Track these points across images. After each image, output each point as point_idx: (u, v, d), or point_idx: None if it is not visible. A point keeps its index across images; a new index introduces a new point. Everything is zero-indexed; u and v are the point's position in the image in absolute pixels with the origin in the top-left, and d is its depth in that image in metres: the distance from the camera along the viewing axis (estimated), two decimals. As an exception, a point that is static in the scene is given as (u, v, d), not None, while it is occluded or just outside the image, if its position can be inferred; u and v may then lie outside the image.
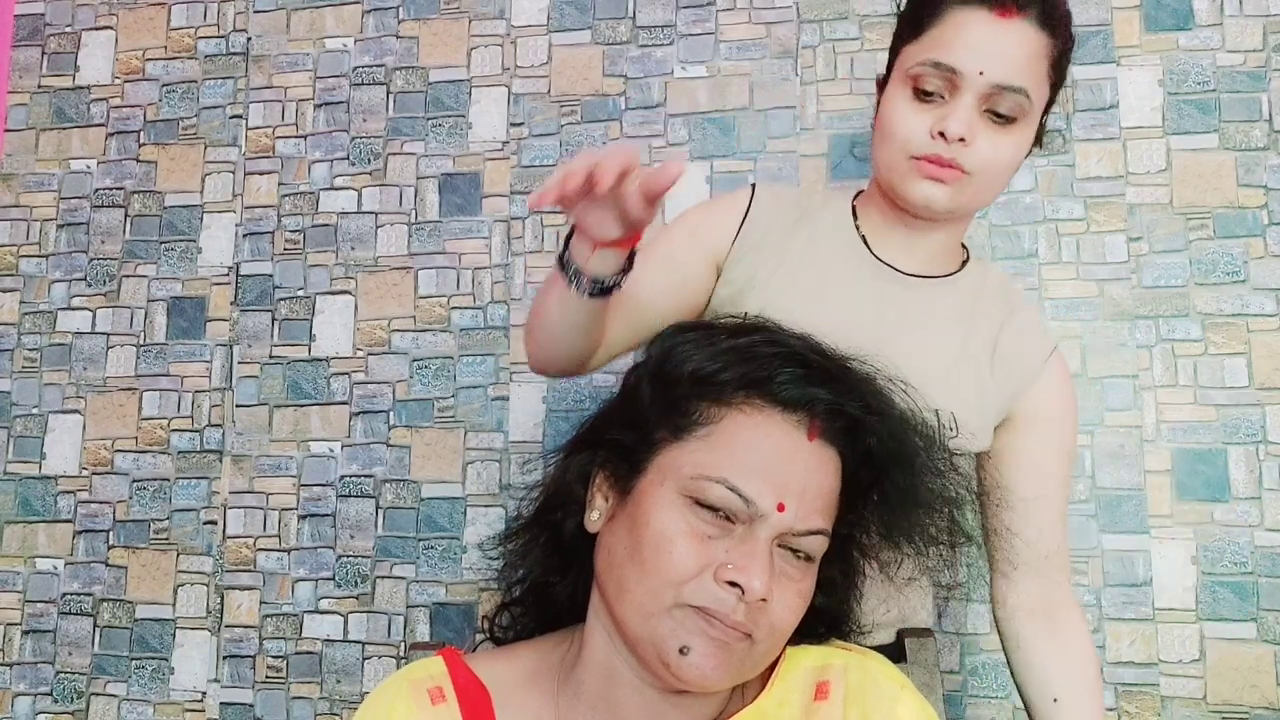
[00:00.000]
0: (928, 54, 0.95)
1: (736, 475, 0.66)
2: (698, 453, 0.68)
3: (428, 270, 1.83)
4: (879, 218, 1.07)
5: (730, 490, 0.66)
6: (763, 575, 0.64)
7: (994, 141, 0.95)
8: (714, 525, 0.66)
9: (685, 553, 0.65)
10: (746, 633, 0.65)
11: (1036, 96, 0.96)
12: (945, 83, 0.94)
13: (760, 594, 0.64)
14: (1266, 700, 1.52)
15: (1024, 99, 0.94)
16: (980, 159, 0.94)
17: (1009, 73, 0.93)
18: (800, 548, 0.67)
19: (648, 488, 0.69)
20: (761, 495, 0.65)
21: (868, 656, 0.74)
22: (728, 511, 0.66)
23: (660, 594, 0.65)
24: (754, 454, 0.67)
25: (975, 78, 0.93)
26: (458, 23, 1.89)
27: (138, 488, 1.86)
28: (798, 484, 0.66)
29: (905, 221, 1.04)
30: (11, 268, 1.96)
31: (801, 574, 0.68)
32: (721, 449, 0.67)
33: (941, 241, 1.06)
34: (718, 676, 0.65)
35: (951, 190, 0.96)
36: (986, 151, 0.94)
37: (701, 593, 0.64)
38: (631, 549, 0.68)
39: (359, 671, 1.75)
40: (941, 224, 1.04)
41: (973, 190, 0.97)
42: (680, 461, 0.68)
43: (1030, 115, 0.97)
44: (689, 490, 0.67)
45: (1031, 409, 1.05)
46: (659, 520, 0.67)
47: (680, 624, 0.65)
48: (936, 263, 1.07)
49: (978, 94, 0.93)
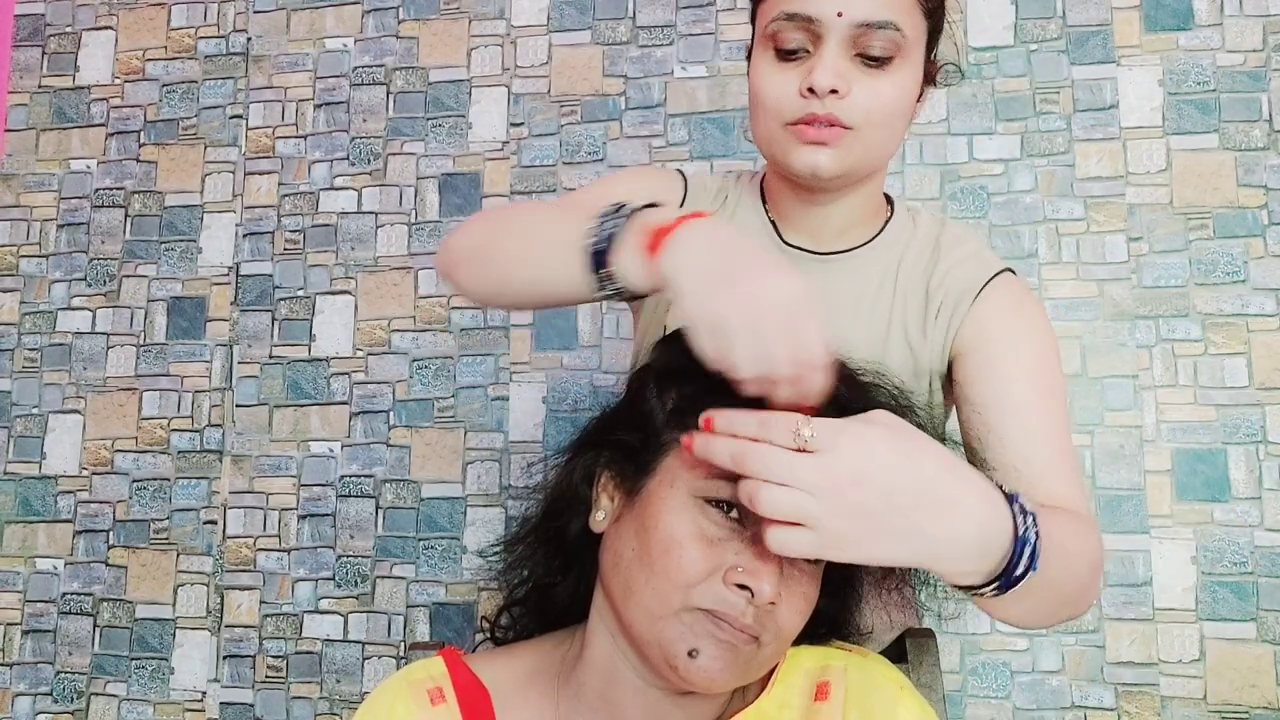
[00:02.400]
0: (780, 6, 0.85)
1: None
2: None
3: (428, 270, 1.83)
4: (781, 199, 0.97)
5: None
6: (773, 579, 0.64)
7: (872, 87, 0.84)
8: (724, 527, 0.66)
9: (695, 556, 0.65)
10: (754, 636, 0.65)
11: (910, 29, 0.85)
12: (806, 35, 0.84)
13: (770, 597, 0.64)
14: (1266, 700, 1.52)
15: (895, 34, 0.83)
16: (859, 110, 0.84)
17: (871, 8, 0.83)
18: None
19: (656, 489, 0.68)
20: None
21: (868, 657, 0.74)
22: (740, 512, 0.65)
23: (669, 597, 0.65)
24: None
25: (835, 21, 0.82)
26: (458, 23, 1.89)
27: (138, 488, 1.86)
28: None
29: (803, 198, 0.94)
30: (11, 268, 1.96)
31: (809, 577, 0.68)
32: None
33: (850, 209, 0.95)
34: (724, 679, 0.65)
35: (837, 152, 0.85)
36: (865, 100, 0.84)
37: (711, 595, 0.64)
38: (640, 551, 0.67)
39: (359, 671, 1.75)
40: (843, 191, 0.93)
41: (862, 146, 0.86)
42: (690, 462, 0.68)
43: (909, 51, 0.85)
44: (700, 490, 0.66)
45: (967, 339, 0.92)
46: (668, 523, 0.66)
47: (689, 627, 0.65)
48: (852, 233, 0.97)
49: (842, 39, 0.83)
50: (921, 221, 1.00)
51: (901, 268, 0.96)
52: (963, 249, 0.96)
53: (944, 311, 0.93)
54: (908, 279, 0.95)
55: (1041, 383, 0.89)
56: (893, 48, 0.84)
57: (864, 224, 0.98)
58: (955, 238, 0.97)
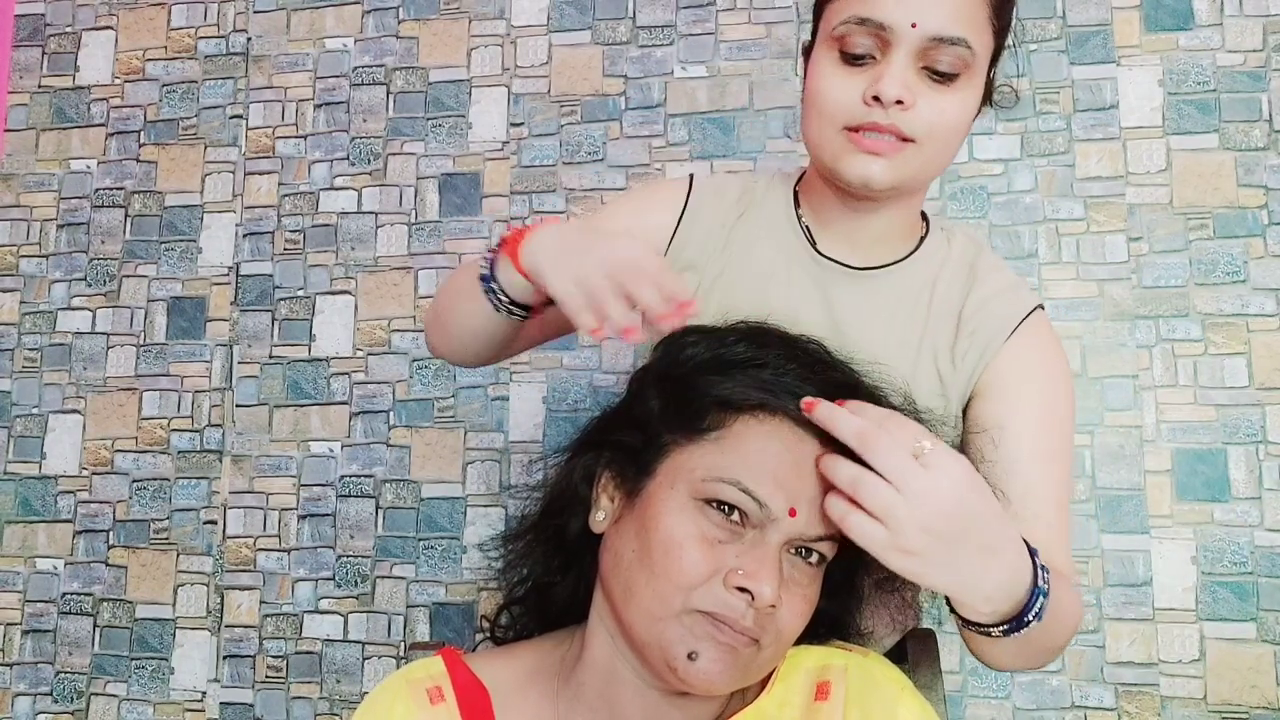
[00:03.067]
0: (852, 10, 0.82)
1: (750, 478, 0.65)
2: (710, 455, 0.67)
3: (428, 270, 1.83)
4: (820, 203, 0.95)
5: (743, 492, 0.65)
6: (773, 581, 0.64)
7: (936, 103, 0.82)
8: (724, 530, 0.66)
9: (695, 557, 0.65)
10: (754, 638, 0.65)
11: (979, 47, 0.83)
12: (875, 41, 0.82)
13: (770, 600, 0.63)
14: (1266, 700, 1.52)
15: (965, 51, 0.82)
16: (923, 123, 0.82)
17: (945, 22, 0.80)
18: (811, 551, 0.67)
19: (657, 490, 0.68)
20: (774, 499, 0.65)
21: (868, 657, 0.74)
22: (740, 514, 0.66)
23: (669, 598, 0.65)
24: (767, 458, 0.66)
25: (907, 31, 0.80)
26: (458, 23, 1.89)
27: (138, 488, 1.86)
28: (809, 489, 0.66)
29: (847, 204, 0.92)
30: (11, 268, 1.96)
31: (809, 579, 0.68)
32: (734, 452, 0.67)
33: (890, 222, 0.94)
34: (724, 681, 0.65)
35: (892, 164, 0.84)
36: (929, 114, 0.82)
37: (711, 598, 0.64)
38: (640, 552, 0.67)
39: (359, 671, 1.75)
40: (887, 203, 0.91)
41: (919, 162, 0.85)
42: (691, 464, 0.68)
43: (975, 69, 0.84)
44: (700, 492, 0.66)
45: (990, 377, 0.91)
46: (669, 524, 0.66)
47: (689, 629, 0.64)
48: (887, 247, 0.95)
49: (912, 50, 0.81)
50: (956, 242, 0.98)
51: (936, 289, 0.94)
52: (999, 279, 0.94)
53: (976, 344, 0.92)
54: (942, 302, 0.94)
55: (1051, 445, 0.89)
56: (961, 65, 0.83)
57: (901, 238, 0.96)
58: (991, 265, 0.96)
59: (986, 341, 0.91)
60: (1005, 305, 0.92)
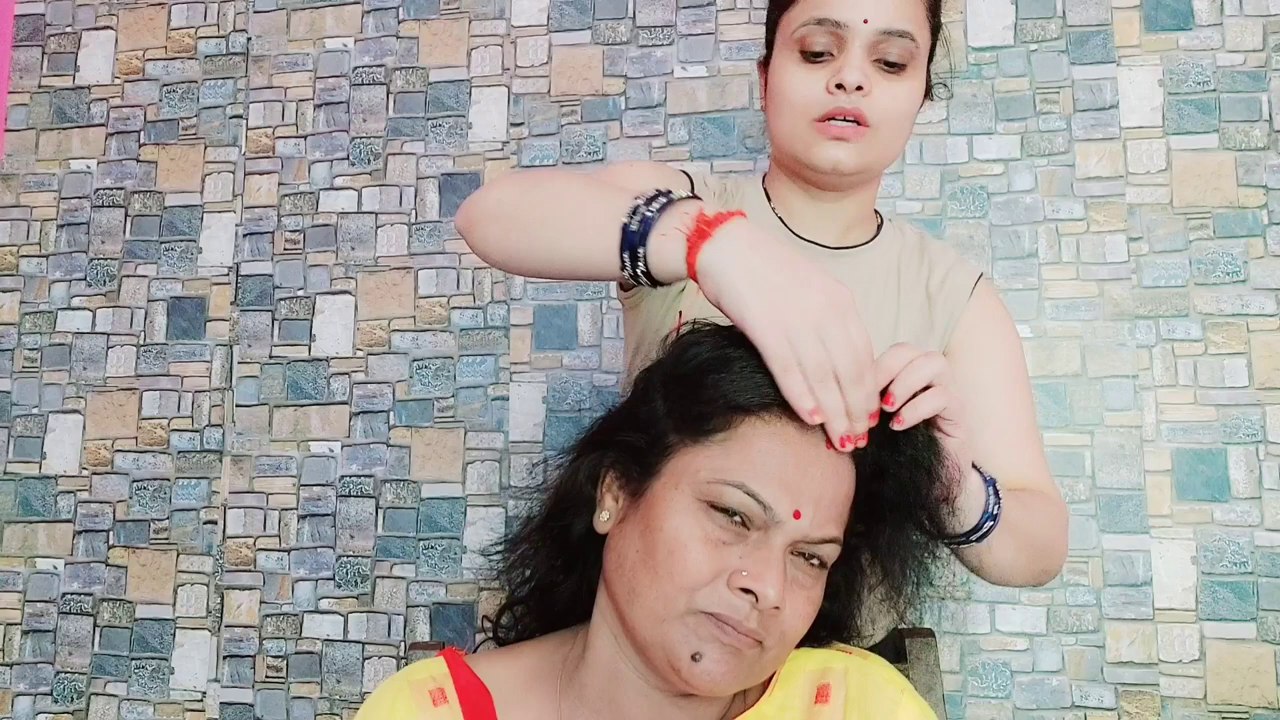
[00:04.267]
0: (810, 13, 0.94)
1: (754, 480, 0.65)
2: (715, 457, 0.67)
3: (428, 270, 1.83)
4: (787, 197, 1.05)
5: (748, 495, 0.65)
6: (777, 583, 0.64)
7: (889, 90, 0.94)
8: (728, 531, 0.66)
9: (699, 558, 0.65)
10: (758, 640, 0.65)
11: (921, 40, 0.96)
12: (832, 39, 0.94)
13: (774, 602, 0.63)
14: (1266, 700, 1.52)
15: (910, 43, 0.94)
16: (880, 108, 0.94)
17: (892, 17, 0.93)
18: (814, 554, 0.67)
19: (661, 491, 0.68)
20: (779, 501, 0.65)
21: (869, 659, 0.74)
22: (744, 516, 0.66)
23: (673, 599, 0.65)
24: (772, 460, 0.66)
25: (861, 27, 0.93)
26: (458, 23, 1.89)
27: (138, 488, 1.86)
28: (814, 491, 0.66)
29: (814, 195, 1.03)
30: (11, 268, 1.96)
31: (813, 581, 0.68)
32: (738, 454, 0.67)
33: (854, 209, 1.04)
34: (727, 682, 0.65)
35: (857, 148, 0.95)
36: (884, 100, 0.94)
37: (715, 599, 0.64)
38: (644, 553, 0.67)
39: (359, 671, 1.75)
40: (851, 191, 1.02)
41: (879, 145, 0.96)
42: (696, 465, 0.67)
43: (918, 61, 0.97)
44: (705, 494, 0.66)
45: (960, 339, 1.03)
46: (673, 524, 0.66)
47: (693, 630, 0.64)
48: (853, 233, 1.06)
49: (865, 44, 0.93)
50: (907, 231, 1.10)
51: (902, 273, 1.05)
52: (948, 256, 1.08)
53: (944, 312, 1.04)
54: (908, 280, 1.05)
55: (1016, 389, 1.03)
56: (907, 55, 0.94)
57: (860, 226, 1.06)
58: (939, 247, 1.10)
59: (952, 308, 1.04)
60: (960, 276, 1.06)
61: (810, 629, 0.70)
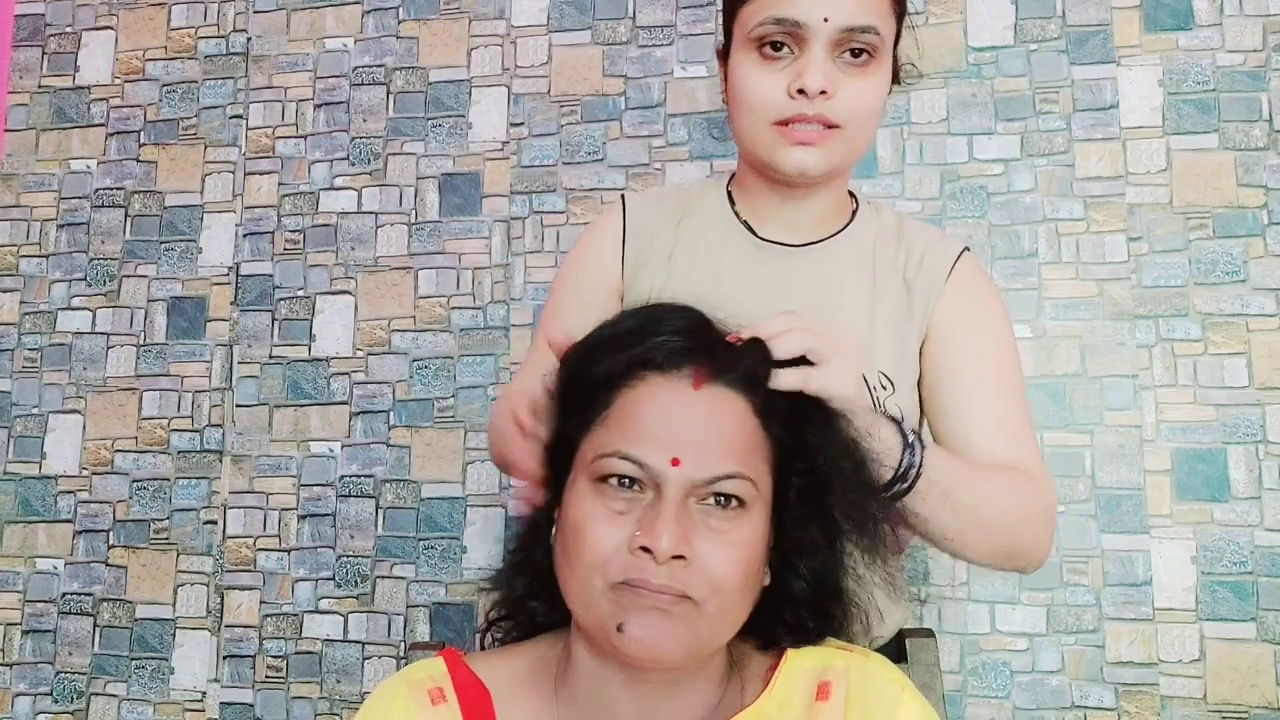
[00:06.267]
0: (767, 12, 0.90)
1: (628, 443, 0.67)
2: (598, 436, 0.70)
3: (428, 270, 1.83)
4: (755, 197, 1.02)
5: (623, 459, 0.67)
6: (669, 532, 0.64)
7: (855, 88, 0.90)
8: (623, 500, 0.67)
9: (600, 534, 0.66)
10: (680, 594, 0.65)
11: (885, 30, 0.92)
12: (791, 37, 0.89)
13: (670, 551, 0.64)
14: (1266, 700, 1.52)
15: (874, 36, 0.90)
16: (845, 109, 0.90)
17: (854, 13, 0.89)
18: (720, 493, 0.67)
19: (570, 486, 0.71)
20: (653, 455, 0.66)
21: (869, 657, 0.74)
22: (632, 480, 0.67)
23: (589, 580, 0.67)
24: (643, 418, 0.68)
25: (821, 26, 0.88)
26: (458, 23, 1.89)
27: (138, 488, 1.86)
28: (690, 435, 0.67)
29: (780, 194, 1.00)
30: (11, 268, 1.96)
31: (731, 525, 0.67)
32: (614, 426, 0.69)
33: (823, 203, 1.01)
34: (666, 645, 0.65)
35: (823, 151, 0.91)
36: (850, 100, 0.90)
37: (621, 567, 0.66)
38: (562, 546, 0.70)
39: (359, 671, 1.75)
40: (818, 188, 0.99)
41: (846, 146, 0.93)
42: (585, 451, 0.70)
43: (883, 51, 0.92)
44: (594, 473, 0.68)
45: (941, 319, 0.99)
46: (576, 511, 0.69)
47: (615, 603, 0.66)
48: (824, 226, 1.02)
49: (827, 42, 0.89)
50: (884, 214, 1.06)
51: (878, 257, 1.02)
52: (926, 235, 1.03)
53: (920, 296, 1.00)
54: (886, 268, 1.01)
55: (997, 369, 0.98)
56: (872, 49, 0.91)
57: (834, 215, 1.03)
58: (917, 227, 1.05)
59: (928, 293, 0.99)
60: (937, 257, 1.01)
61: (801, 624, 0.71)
